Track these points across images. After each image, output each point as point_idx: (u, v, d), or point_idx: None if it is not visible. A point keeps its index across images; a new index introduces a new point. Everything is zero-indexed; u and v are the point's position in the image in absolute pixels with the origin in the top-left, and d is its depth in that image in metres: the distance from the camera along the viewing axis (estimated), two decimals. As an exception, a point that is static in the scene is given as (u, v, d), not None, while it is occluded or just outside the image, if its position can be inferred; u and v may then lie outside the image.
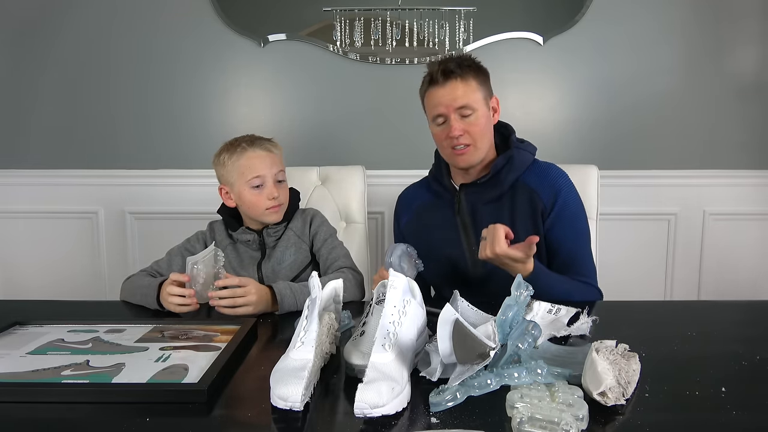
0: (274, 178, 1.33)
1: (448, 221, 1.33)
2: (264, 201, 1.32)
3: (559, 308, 1.04)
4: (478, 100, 1.24)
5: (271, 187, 1.32)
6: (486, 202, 1.29)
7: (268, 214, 1.33)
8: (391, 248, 1.19)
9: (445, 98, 1.23)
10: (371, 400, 0.68)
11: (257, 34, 2.02)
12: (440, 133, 1.27)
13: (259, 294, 1.14)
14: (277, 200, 1.33)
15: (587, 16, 1.98)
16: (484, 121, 1.25)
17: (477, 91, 1.24)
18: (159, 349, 0.90)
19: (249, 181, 1.31)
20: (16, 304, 1.28)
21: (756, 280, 2.07)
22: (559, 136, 2.04)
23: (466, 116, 1.23)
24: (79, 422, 0.71)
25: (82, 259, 2.15)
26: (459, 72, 1.22)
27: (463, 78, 1.23)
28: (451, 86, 1.22)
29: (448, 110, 1.23)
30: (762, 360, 0.86)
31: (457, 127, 1.22)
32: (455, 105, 1.22)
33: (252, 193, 1.32)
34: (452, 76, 1.22)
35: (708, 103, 2.02)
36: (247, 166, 1.31)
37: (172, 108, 2.08)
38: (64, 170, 2.10)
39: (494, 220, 1.24)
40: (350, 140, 2.06)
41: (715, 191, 2.04)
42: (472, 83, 1.24)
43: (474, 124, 1.23)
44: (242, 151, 1.33)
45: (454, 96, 1.22)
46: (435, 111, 1.26)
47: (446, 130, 1.24)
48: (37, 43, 2.06)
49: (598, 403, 0.71)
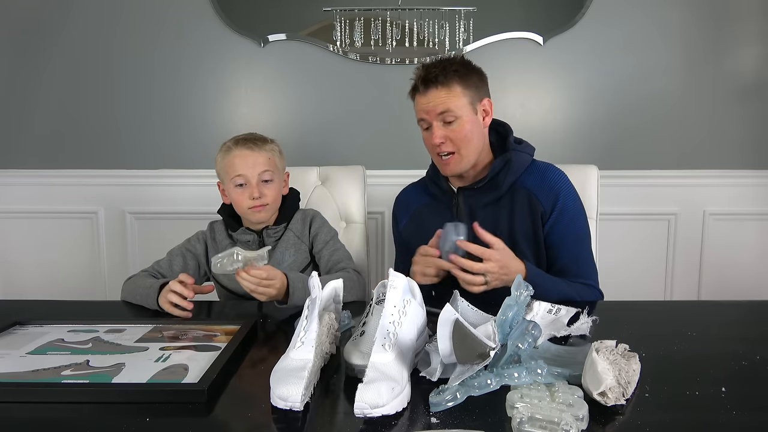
0: (259, 178, 1.33)
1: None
2: (246, 200, 1.32)
3: (559, 308, 1.05)
4: (462, 106, 1.22)
5: (253, 186, 1.32)
6: (484, 205, 1.29)
7: (251, 213, 1.34)
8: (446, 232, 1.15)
9: (426, 105, 1.23)
10: (371, 400, 0.68)
11: (257, 34, 2.02)
12: (426, 139, 1.28)
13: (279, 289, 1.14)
14: (260, 200, 1.32)
15: (587, 16, 1.98)
16: (469, 128, 1.23)
17: (461, 96, 1.22)
18: (159, 349, 0.91)
19: (232, 180, 1.33)
20: (16, 304, 1.28)
21: (756, 280, 2.07)
22: (559, 136, 2.04)
23: (449, 122, 1.22)
24: (79, 422, 0.71)
25: (82, 259, 2.15)
26: (442, 78, 1.21)
27: (446, 84, 1.21)
28: (432, 93, 1.22)
29: (429, 116, 1.23)
30: (762, 360, 0.86)
31: (438, 134, 1.22)
32: (436, 111, 1.22)
33: (236, 191, 1.33)
34: (432, 84, 1.21)
35: (708, 103, 2.02)
36: (230, 164, 1.33)
37: (172, 108, 2.08)
38: (65, 170, 2.10)
39: (493, 223, 1.25)
40: (350, 140, 2.06)
41: (715, 191, 2.04)
42: (456, 89, 1.21)
43: (457, 131, 1.22)
44: (227, 150, 1.35)
45: (435, 103, 1.21)
46: (419, 116, 1.27)
47: (430, 136, 1.24)
48: (37, 43, 2.06)
49: (598, 403, 0.71)
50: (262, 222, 1.36)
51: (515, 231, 1.26)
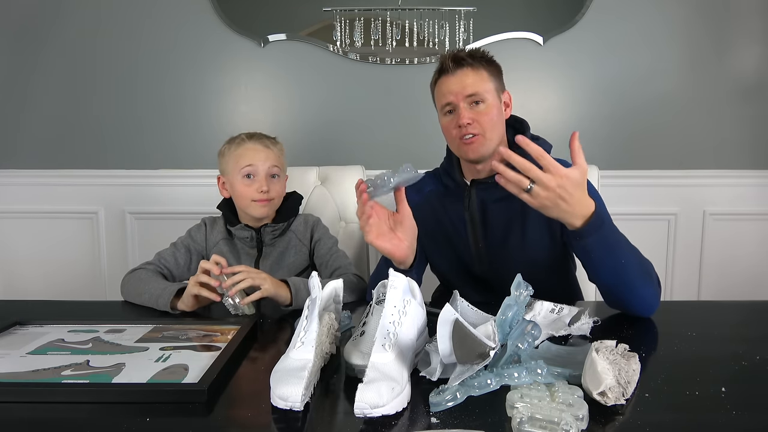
0: (267, 172, 1.35)
1: (456, 214, 1.29)
2: (252, 192, 1.33)
3: (561, 307, 1.04)
4: (489, 90, 1.20)
5: (262, 179, 1.34)
6: (496, 200, 1.25)
7: (255, 207, 1.34)
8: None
9: (454, 86, 1.20)
10: (371, 400, 0.68)
11: (257, 34, 2.02)
12: (449, 124, 1.23)
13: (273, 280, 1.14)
14: (267, 194, 1.34)
15: (587, 16, 1.98)
16: (495, 112, 1.20)
17: (488, 81, 1.21)
18: (159, 349, 0.90)
19: (241, 170, 1.34)
20: (16, 304, 1.28)
21: (756, 280, 2.07)
22: (560, 136, 2.03)
23: (476, 105, 1.20)
24: (79, 422, 0.71)
25: (82, 259, 2.15)
26: (471, 61, 1.20)
27: (474, 67, 1.20)
28: (462, 74, 1.20)
29: (457, 98, 1.20)
30: (762, 360, 0.86)
31: (466, 115, 1.18)
32: (464, 93, 1.19)
33: (243, 182, 1.34)
34: (463, 63, 1.20)
35: (708, 103, 2.02)
36: (242, 155, 1.35)
37: (172, 108, 2.08)
38: (65, 170, 2.10)
39: (505, 218, 1.23)
40: (350, 140, 2.06)
41: (715, 191, 2.04)
42: (483, 73, 1.21)
43: (484, 114, 1.19)
44: (241, 141, 1.37)
45: (463, 84, 1.19)
46: (444, 99, 1.22)
47: (455, 119, 1.20)
48: (37, 43, 2.06)
49: (598, 403, 0.71)
50: (262, 217, 1.37)
51: (527, 228, 1.23)
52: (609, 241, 0.99)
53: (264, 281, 1.11)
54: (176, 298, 1.16)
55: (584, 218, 0.97)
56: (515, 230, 1.23)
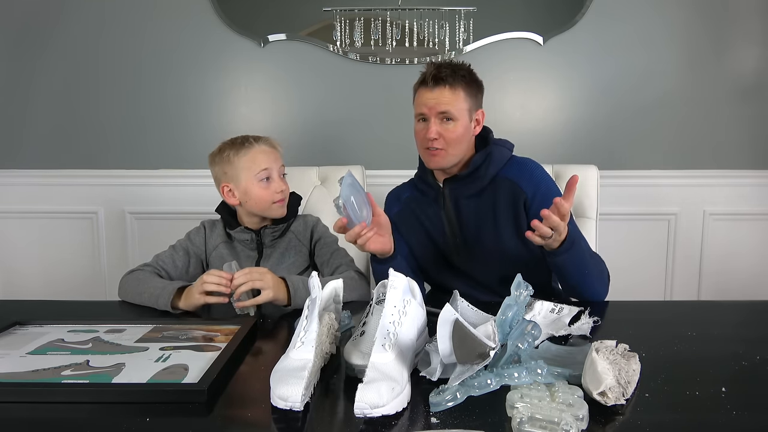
0: (279, 172, 1.37)
1: (434, 215, 1.38)
2: (272, 194, 1.34)
3: (561, 307, 1.05)
4: (462, 110, 1.27)
5: (278, 180, 1.35)
6: (468, 197, 1.34)
7: (275, 208, 1.35)
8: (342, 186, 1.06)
9: (430, 101, 1.27)
10: (371, 400, 0.68)
11: (257, 34, 2.02)
12: (419, 131, 1.31)
13: (274, 278, 1.14)
14: (283, 194, 1.36)
15: (587, 16, 1.98)
16: (462, 131, 1.28)
17: (463, 101, 1.28)
18: (159, 349, 0.90)
19: (257, 175, 1.33)
20: (16, 304, 1.28)
21: (756, 280, 2.07)
22: (559, 136, 2.04)
23: (446, 122, 1.27)
24: (79, 422, 0.71)
25: (82, 259, 2.15)
26: (451, 80, 1.26)
27: (452, 86, 1.26)
28: (439, 91, 1.26)
29: (430, 112, 1.27)
30: (762, 360, 0.86)
31: (434, 130, 1.26)
32: (438, 109, 1.26)
33: (260, 186, 1.33)
34: (442, 83, 1.26)
35: (708, 103, 2.02)
36: (253, 159, 1.34)
37: (172, 108, 2.08)
38: (65, 170, 2.10)
39: (476, 213, 1.33)
40: (350, 140, 2.06)
41: (715, 191, 2.04)
42: (460, 93, 1.27)
43: (451, 131, 1.27)
44: (249, 146, 1.35)
45: (438, 101, 1.26)
46: (419, 109, 1.30)
47: (425, 129, 1.28)
48: (37, 43, 2.06)
49: (598, 403, 0.71)
50: (282, 216, 1.38)
51: (498, 221, 1.31)
52: (576, 259, 1.16)
53: (264, 282, 1.12)
54: (176, 297, 1.16)
55: (560, 242, 1.13)
56: (487, 225, 1.32)
